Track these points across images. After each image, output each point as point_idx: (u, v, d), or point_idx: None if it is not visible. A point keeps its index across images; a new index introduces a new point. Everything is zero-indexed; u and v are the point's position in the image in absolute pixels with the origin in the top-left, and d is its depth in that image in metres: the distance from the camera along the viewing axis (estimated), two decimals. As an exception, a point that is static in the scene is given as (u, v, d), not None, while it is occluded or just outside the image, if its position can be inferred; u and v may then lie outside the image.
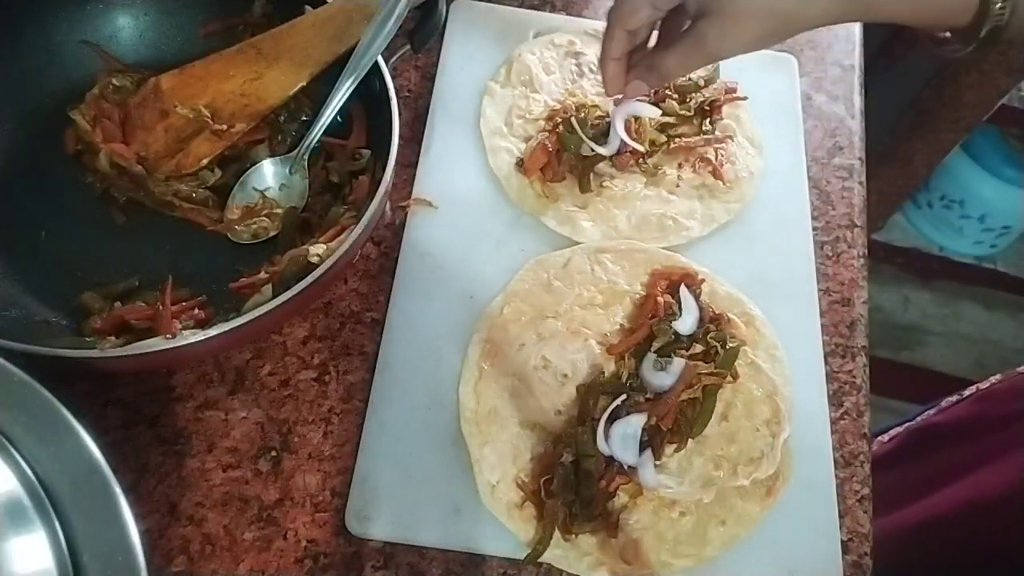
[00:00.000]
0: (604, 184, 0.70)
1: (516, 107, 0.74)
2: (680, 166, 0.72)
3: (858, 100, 0.81)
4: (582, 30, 0.79)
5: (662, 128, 0.71)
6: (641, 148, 0.69)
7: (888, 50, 1.43)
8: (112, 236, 0.65)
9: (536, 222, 0.69)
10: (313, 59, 0.65)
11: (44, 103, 0.67)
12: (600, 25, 0.80)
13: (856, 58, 0.83)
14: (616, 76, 0.60)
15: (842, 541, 0.59)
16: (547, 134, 0.70)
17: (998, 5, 0.51)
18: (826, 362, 0.66)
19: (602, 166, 0.70)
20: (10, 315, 0.58)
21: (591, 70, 0.77)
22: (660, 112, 0.71)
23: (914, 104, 1.48)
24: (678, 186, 0.71)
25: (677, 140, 0.71)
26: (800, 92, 0.80)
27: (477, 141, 0.73)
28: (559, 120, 0.71)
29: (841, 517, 0.59)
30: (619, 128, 0.68)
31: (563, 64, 0.77)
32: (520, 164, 0.70)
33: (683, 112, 0.72)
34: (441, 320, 0.64)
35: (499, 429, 0.58)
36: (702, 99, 0.73)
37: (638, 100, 0.71)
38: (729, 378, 0.59)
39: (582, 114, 0.71)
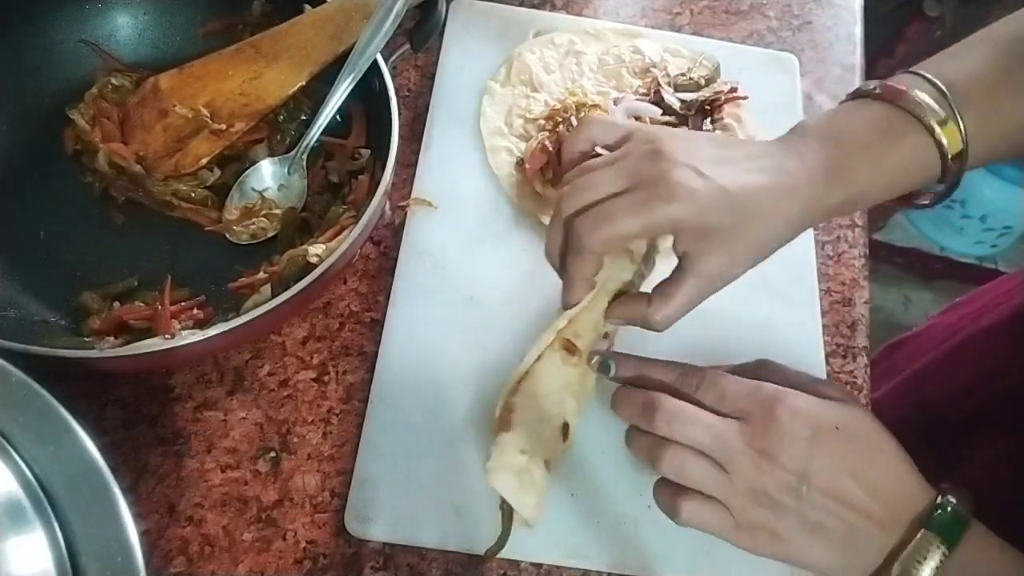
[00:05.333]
0: None
1: (516, 106, 0.74)
2: None
3: (859, 100, 0.81)
4: (582, 29, 0.79)
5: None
6: None
7: (889, 50, 1.43)
8: (111, 236, 0.65)
9: (536, 222, 0.69)
10: (312, 58, 0.65)
11: (43, 103, 0.67)
12: (600, 24, 0.80)
13: (857, 58, 0.83)
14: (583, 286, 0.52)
15: (843, 541, 0.59)
16: (547, 134, 0.70)
17: (951, 163, 0.50)
18: (827, 362, 0.66)
19: None
20: (9, 315, 0.58)
21: (591, 69, 0.77)
22: (661, 111, 0.71)
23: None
24: None
25: None
26: (801, 92, 0.80)
27: (477, 141, 0.73)
28: (559, 120, 0.71)
29: (842, 517, 0.59)
30: None
31: (563, 63, 0.77)
32: (520, 164, 0.70)
33: (683, 111, 0.72)
34: (441, 320, 0.64)
35: None
36: (703, 98, 0.72)
37: (637, 99, 0.71)
38: None
39: (582, 114, 0.71)
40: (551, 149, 0.69)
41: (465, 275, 0.66)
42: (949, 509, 0.45)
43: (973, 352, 0.76)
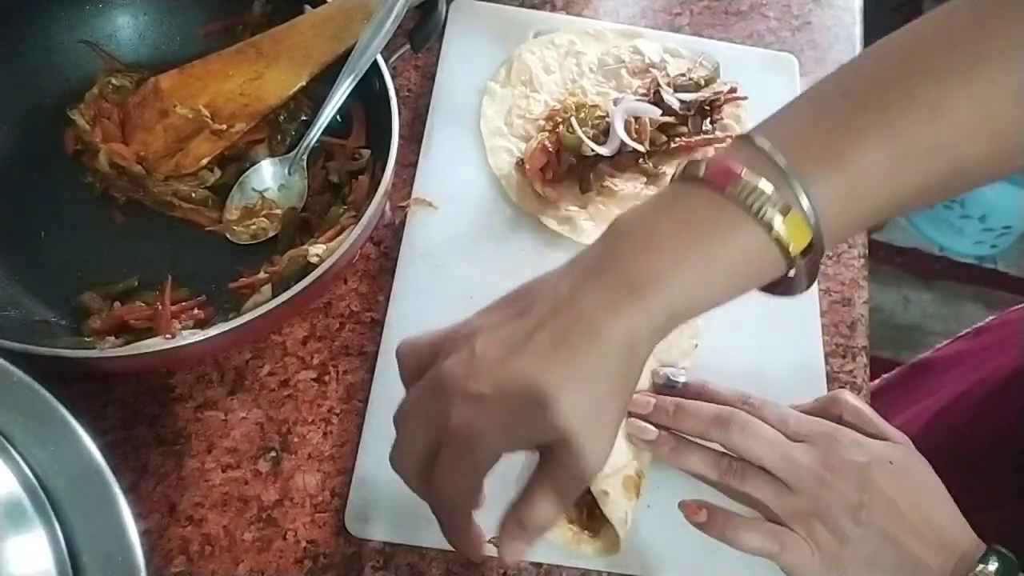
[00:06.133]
0: (604, 184, 0.70)
1: (516, 107, 0.74)
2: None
3: (858, 100, 0.81)
4: (582, 30, 0.79)
5: (662, 128, 0.71)
6: (641, 148, 0.69)
7: (888, 50, 1.43)
8: (112, 236, 0.65)
9: (536, 222, 0.69)
10: (313, 59, 0.65)
11: (43, 103, 0.67)
12: (600, 24, 0.80)
13: (856, 58, 0.83)
14: (476, 538, 0.45)
15: (843, 541, 0.59)
16: (547, 134, 0.70)
17: (798, 259, 0.40)
18: (827, 362, 0.66)
19: (602, 166, 0.70)
20: (10, 315, 0.58)
21: (591, 70, 0.77)
22: (660, 112, 0.71)
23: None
24: None
25: (677, 140, 0.71)
26: (800, 89, 0.80)
27: (477, 141, 0.73)
28: (559, 120, 0.71)
29: (841, 517, 0.59)
30: (619, 128, 0.68)
31: (563, 64, 0.77)
32: (520, 164, 0.70)
33: (683, 112, 0.72)
34: (441, 320, 0.63)
35: None
36: (702, 99, 0.72)
37: (637, 99, 0.71)
38: None
39: (582, 114, 0.71)
40: (551, 149, 0.69)
41: (465, 275, 0.66)
42: (1002, 554, 0.46)
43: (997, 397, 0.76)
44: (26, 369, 0.41)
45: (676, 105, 0.72)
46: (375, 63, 0.63)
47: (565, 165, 0.70)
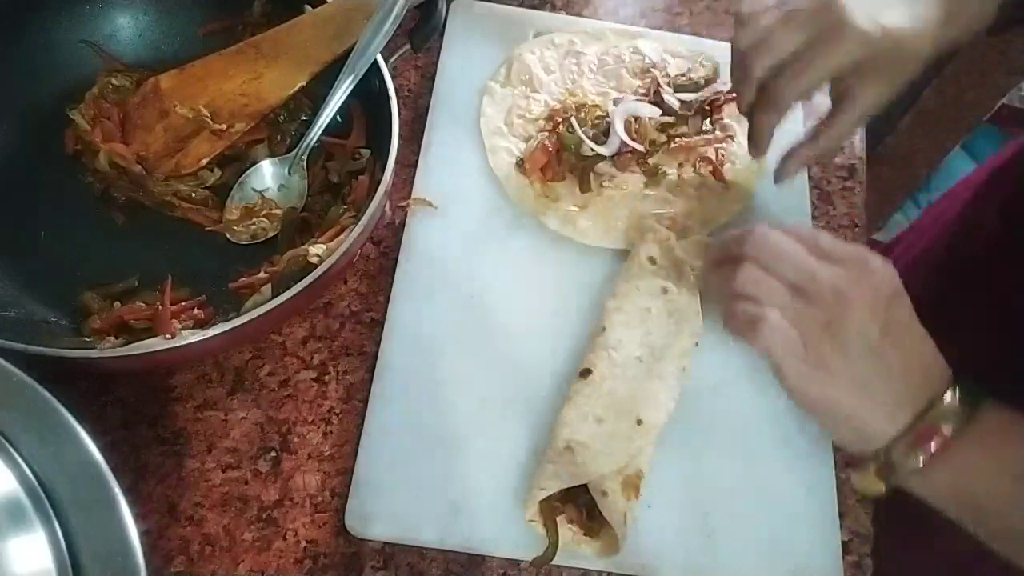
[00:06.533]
0: (604, 184, 0.70)
1: (516, 107, 0.74)
2: (680, 166, 0.72)
3: (858, 100, 0.81)
4: (582, 30, 0.79)
5: (662, 128, 0.71)
6: (641, 148, 0.69)
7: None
8: (112, 236, 0.65)
9: (536, 222, 0.69)
10: (313, 59, 0.65)
11: (43, 103, 0.67)
12: (600, 24, 0.80)
13: (856, 58, 0.83)
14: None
15: (842, 541, 0.59)
16: (547, 134, 0.70)
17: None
18: (826, 362, 0.65)
19: (602, 166, 0.70)
20: (10, 315, 0.58)
21: (591, 70, 0.77)
22: (660, 112, 0.71)
23: (914, 104, 1.48)
24: (678, 186, 0.71)
25: (677, 140, 0.71)
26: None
27: (477, 141, 0.73)
28: (559, 120, 0.71)
29: (841, 517, 0.59)
30: (619, 128, 0.68)
31: (563, 64, 0.77)
32: (520, 164, 0.70)
33: (683, 112, 0.72)
34: (441, 320, 0.64)
35: None
36: (702, 99, 0.72)
37: (637, 99, 0.71)
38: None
39: (582, 114, 0.71)
40: (551, 149, 0.69)
41: (465, 275, 0.66)
42: (966, 384, 0.50)
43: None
44: (26, 369, 0.41)
45: (676, 105, 0.72)
46: (375, 63, 0.63)
47: (566, 165, 0.70)
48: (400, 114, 0.61)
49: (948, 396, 0.49)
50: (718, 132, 0.73)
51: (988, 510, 0.49)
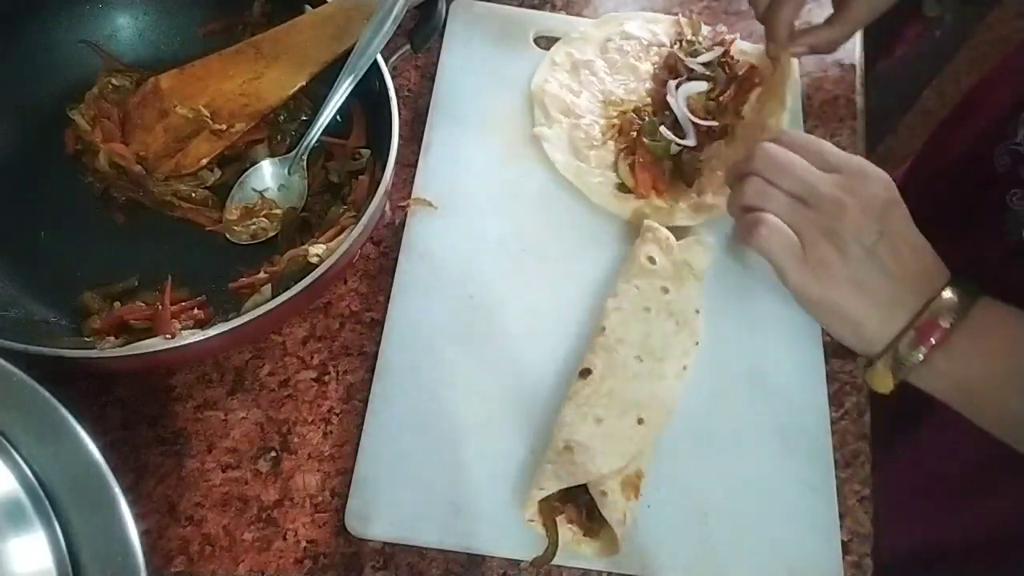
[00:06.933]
0: (697, 167, 0.71)
1: (577, 139, 0.73)
2: (737, 114, 0.74)
3: (859, 100, 0.81)
4: (569, 36, 0.79)
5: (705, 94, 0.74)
6: (715, 123, 0.71)
7: (889, 50, 1.43)
8: (112, 236, 0.65)
9: (535, 222, 0.69)
10: (313, 59, 0.65)
11: (43, 103, 0.67)
12: (578, 22, 0.80)
13: (857, 58, 0.83)
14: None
15: (842, 541, 0.59)
16: (625, 152, 0.71)
17: None
18: (827, 362, 0.65)
19: (690, 154, 0.71)
20: (10, 315, 0.58)
21: (606, 72, 0.77)
22: (707, 84, 0.73)
23: (914, 104, 1.47)
24: (746, 128, 0.73)
25: (722, 97, 0.73)
26: (801, 91, 0.80)
27: (477, 141, 0.73)
28: (633, 131, 0.71)
29: (841, 517, 0.59)
30: (687, 114, 0.71)
31: (581, 79, 0.76)
32: (624, 189, 0.70)
33: (711, 72, 0.74)
34: (441, 320, 0.64)
35: None
36: (717, 54, 0.75)
37: (679, 82, 0.73)
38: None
39: (645, 118, 0.72)
40: (646, 163, 0.70)
41: (465, 275, 0.66)
42: (964, 281, 0.53)
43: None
44: (26, 369, 0.41)
45: (701, 70, 0.74)
46: (375, 63, 0.63)
47: (666, 171, 0.71)
48: (400, 114, 0.61)
49: (947, 293, 0.52)
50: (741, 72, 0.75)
51: (986, 396, 0.52)
